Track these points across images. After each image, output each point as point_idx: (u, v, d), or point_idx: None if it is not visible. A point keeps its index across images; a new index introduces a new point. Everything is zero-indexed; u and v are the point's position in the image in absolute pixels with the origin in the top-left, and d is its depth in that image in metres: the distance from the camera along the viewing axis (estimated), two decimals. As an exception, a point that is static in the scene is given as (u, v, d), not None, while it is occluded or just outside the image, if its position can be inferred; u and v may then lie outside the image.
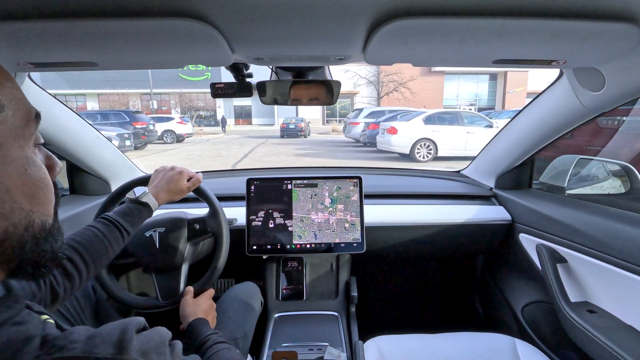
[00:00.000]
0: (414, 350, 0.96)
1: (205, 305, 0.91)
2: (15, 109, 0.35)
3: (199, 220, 1.03)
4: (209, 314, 0.90)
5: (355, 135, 11.88)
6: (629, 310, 0.88)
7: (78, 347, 0.33)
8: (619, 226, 0.91)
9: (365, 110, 13.32)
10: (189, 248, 1.02)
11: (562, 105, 1.02)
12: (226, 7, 0.54)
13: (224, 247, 1.00)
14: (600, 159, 1.61)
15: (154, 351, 0.36)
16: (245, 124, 26.30)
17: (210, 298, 0.95)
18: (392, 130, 8.64)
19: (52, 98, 1.04)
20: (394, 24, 0.57)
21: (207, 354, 0.71)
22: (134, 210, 0.82)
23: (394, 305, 1.77)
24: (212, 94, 0.97)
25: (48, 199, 0.38)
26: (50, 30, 0.57)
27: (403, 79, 20.33)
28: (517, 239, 1.28)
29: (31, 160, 0.36)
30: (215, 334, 0.77)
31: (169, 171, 0.94)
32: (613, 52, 0.69)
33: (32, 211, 0.35)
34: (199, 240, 1.04)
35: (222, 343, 0.74)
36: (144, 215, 0.84)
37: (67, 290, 0.66)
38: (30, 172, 0.35)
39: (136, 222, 0.82)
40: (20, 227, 0.34)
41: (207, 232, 1.03)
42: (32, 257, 0.36)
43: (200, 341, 0.75)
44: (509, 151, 1.31)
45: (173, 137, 14.21)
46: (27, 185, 0.35)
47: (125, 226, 0.78)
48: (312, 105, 1.02)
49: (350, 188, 1.25)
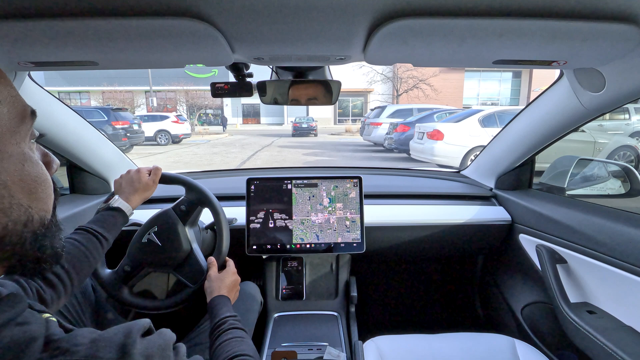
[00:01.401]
0: (413, 351, 0.96)
1: (229, 280, 0.91)
2: (10, 106, 0.35)
3: (180, 202, 1.03)
4: (232, 290, 0.90)
5: (376, 138, 9.96)
6: (628, 310, 0.88)
7: (81, 351, 0.33)
8: (618, 227, 0.91)
9: (389, 108, 10.98)
10: (189, 230, 1.02)
11: (563, 106, 1.02)
12: (226, 7, 0.54)
13: (217, 209, 1.00)
14: (600, 159, 1.61)
15: (158, 355, 0.36)
16: (254, 123, 25.58)
17: (234, 273, 0.95)
18: (436, 134, 6.28)
19: (52, 97, 1.04)
20: (394, 24, 0.57)
21: (220, 339, 0.70)
22: (107, 217, 0.83)
23: (394, 305, 1.77)
24: (212, 94, 0.97)
25: (47, 194, 0.38)
26: (50, 29, 0.57)
27: (424, 74, 18.81)
28: (516, 239, 1.28)
29: (28, 156, 0.36)
30: (233, 317, 0.77)
31: (126, 175, 0.95)
32: (613, 53, 0.69)
33: (30, 207, 0.35)
34: (193, 217, 1.03)
35: (237, 329, 0.73)
36: (118, 220, 0.85)
37: (54, 300, 0.66)
38: (27, 168, 0.35)
39: (112, 228, 0.83)
40: (19, 223, 0.34)
41: (193, 204, 1.02)
42: (33, 253, 0.36)
43: (216, 322, 0.75)
44: (509, 152, 1.31)
45: (167, 137, 12.96)
46: (25, 182, 0.35)
47: (101, 232, 0.79)
48: (312, 105, 1.02)
49: (348, 186, 1.25)
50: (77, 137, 1.16)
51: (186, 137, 14.05)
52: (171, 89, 22.17)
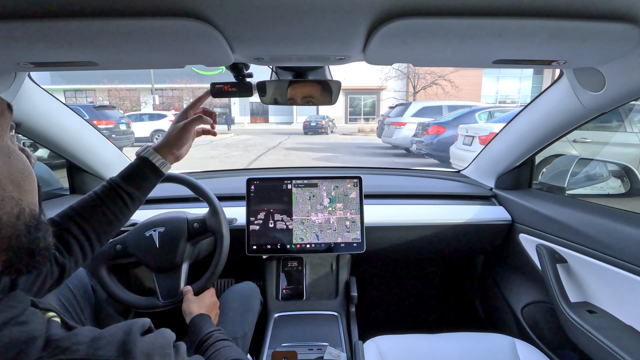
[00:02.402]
0: (413, 351, 0.95)
1: (209, 301, 0.91)
2: None
3: (198, 220, 1.03)
4: (212, 311, 0.90)
5: (399, 140, 8.43)
6: (628, 310, 0.88)
7: (82, 349, 0.33)
8: (618, 226, 0.91)
9: (414, 105, 9.18)
10: (189, 248, 1.02)
11: (562, 105, 1.01)
12: (226, 7, 0.54)
13: (224, 246, 1.00)
14: (600, 159, 1.61)
15: (158, 353, 0.36)
16: (262, 122, 25.01)
17: (213, 295, 0.95)
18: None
19: (52, 97, 1.04)
20: (394, 24, 0.57)
21: (209, 352, 0.70)
22: (132, 169, 0.73)
23: (394, 305, 1.77)
24: (212, 94, 0.97)
25: (33, 187, 0.38)
26: (50, 30, 0.57)
27: (443, 70, 17.45)
28: (517, 239, 1.27)
29: (12, 149, 0.37)
30: (217, 330, 0.77)
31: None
32: (613, 53, 0.69)
33: (21, 200, 0.36)
34: (199, 240, 1.04)
35: (224, 340, 0.73)
36: (147, 172, 0.74)
37: (72, 260, 0.63)
38: (13, 161, 0.36)
39: (137, 181, 0.73)
40: (12, 215, 0.34)
41: (207, 232, 1.03)
42: (27, 246, 0.36)
43: (202, 338, 0.75)
44: (509, 151, 1.31)
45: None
46: (12, 174, 0.35)
47: (122, 186, 0.71)
48: (312, 105, 1.02)
49: (348, 186, 1.25)
50: (76, 137, 1.16)
51: (186, 137, 13.62)
52: (175, 86, 21.59)
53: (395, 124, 8.70)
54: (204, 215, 1.04)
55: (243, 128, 21.23)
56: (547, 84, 16.16)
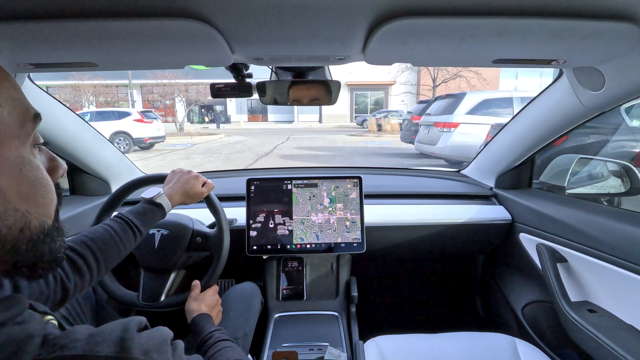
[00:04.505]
0: (414, 350, 0.95)
1: (210, 300, 0.91)
2: (11, 108, 0.34)
3: (202, 235, 1.03)
4: (214, 309, 0.90)
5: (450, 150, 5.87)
6: (629, 309, 0.88)
7: (79, 346, 0.33)
8: (619, 225, 0.91)
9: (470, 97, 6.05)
10: (184, 257, 1.02)
11: (562, 104, 1.02)
12: (226, 8, 0.54)
13: (218, 269, 0.99)
14: (600, 158, 1.61)
15: (156, 350, 0.36)
16: (261, 121, 23.78)
17: (215, 293, 0.95)
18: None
19: (52, 99, 1.04)
20: (394, 24, 0.57)
21: (210, 352, 0.70)
22: (148, 211, 0.82)
23: (394, 305, 1.77)
24: (211, 94, 0.97)
25: (47, 199, 0.37)
26: (50, 30, 0.57)
27: None
28: (517, 238, 1.27)
29: (27, 160, 0.35)
30: (218, 330, 0.77)
31: (185, 174, 0.94)
32: (613, 52, 0.69)
33: (28, 212, 0.35)
34: (197, 253, 1.04)
35: (225, 341, 0.74)
36: (157, 217, 0.84)
37: (78, 286, 0.66)
38: (25, 173, 0.35)
39: (149, 223, 0.82)
40: (15, 228, 0.33)
41: (206, 250, 1.03)
42: (28, 259, 0.36)
43: (202, 338, 0.75)
44: (509, 151, 1.31)
45: (128, 142, 9.56)
46: (22, 186, 0.34)
47: (138, 226, 0.78)
48: (312, 105, 1.02)
49: (349, 186, 1.25)
50: (77, 138, 1.16)
51: (159, 140, 10.56)
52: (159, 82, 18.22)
53: (440, 124, 6.02)
54: (210, 232, 1.04)
55: (239, 127, 20.06)
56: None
